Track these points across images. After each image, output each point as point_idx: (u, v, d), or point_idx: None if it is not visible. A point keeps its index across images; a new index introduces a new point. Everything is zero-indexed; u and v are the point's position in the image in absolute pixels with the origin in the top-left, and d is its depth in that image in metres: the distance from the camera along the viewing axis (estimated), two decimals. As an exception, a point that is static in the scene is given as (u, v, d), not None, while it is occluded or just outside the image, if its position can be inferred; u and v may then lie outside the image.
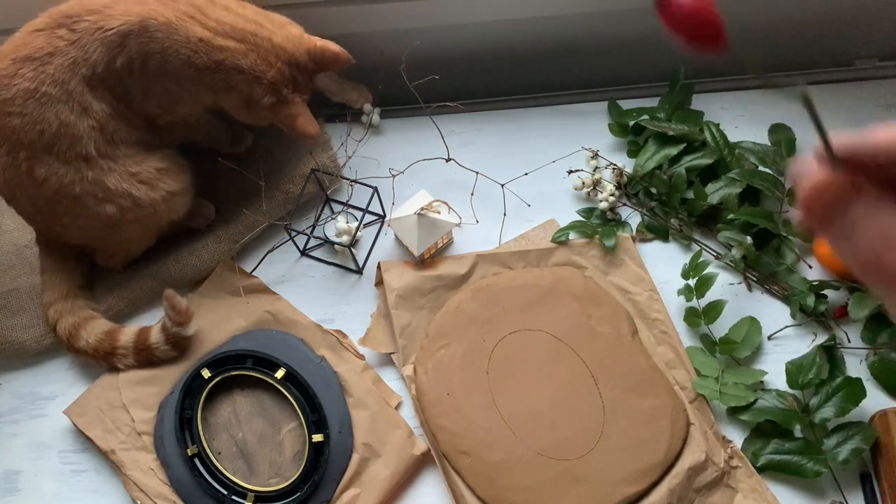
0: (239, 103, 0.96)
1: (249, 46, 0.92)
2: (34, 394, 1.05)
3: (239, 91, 0.94)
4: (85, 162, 0.92)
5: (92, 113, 0.90)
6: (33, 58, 0.88)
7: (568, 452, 0.93)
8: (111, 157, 0.94)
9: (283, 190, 1.09)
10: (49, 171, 0.91)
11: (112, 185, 0.94)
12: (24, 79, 0.87)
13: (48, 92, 0.88)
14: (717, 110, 1.13)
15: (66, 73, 0.88)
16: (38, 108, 0.88)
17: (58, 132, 0.89)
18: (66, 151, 0.90)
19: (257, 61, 0.92)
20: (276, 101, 0.95)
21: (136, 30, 0.89)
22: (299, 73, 0.96)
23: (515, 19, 1.13)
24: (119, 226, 0.98)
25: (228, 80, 0.93)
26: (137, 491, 0.96)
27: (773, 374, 0.97)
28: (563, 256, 1.05)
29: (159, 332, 1.01)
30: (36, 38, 0.88)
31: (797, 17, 1.16)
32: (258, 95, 0.94)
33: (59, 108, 0.89)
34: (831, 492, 0.93)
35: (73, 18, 0.89)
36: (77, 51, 0.88)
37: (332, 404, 0.98)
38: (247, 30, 0.92)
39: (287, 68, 0.94)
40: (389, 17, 1.10)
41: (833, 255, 0.99)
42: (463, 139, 1.15)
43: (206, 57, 0.91)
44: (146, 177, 0.96)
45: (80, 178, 0.92)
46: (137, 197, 0.96)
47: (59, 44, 0.88)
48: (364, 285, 1.07)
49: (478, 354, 0.99)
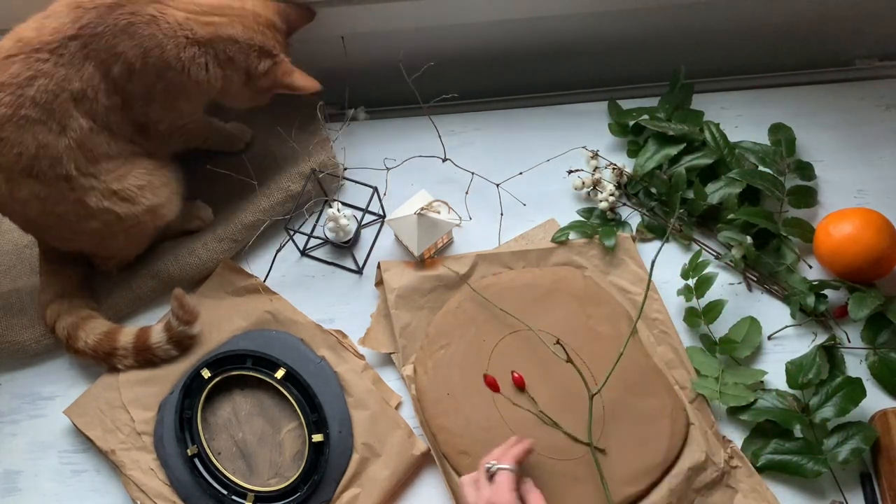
0: (239, 79, 0.97)
1: (231, 18, 0.94)
2: (34, 394, 1.05)
3: (237, 63, 0.95)
4: (66, 182, 0.92)
5: (69, 131, 0.90)
6: (10, 83, 0.87)
7: (568, 452, 0.93)
8: (92, 175, 0.94)
9: (283, 188, 1.09)
10: (30, 193, 0.92)
11: (93, 203, 0.94)
12: (1, 105, 0.87)
13: (27, 115, 0.88)
14: (717, 110, 1.13)
15: (49, 94, 0.88)
16: (16, 131, 0.88)
17: (36, 154, 0.89)
18: (45, 172, 0.90)
19: (244, 30, 0.94)
20: (271, 64, 0.97)
21: (123, 37, 0.89)
22: (279, 35, 0.98)
23: (515, 19, 1.13)
24: (106, 238, 0.99)
25: (227, 51, 0.94)
26: (137, 491, 0.96)
27: (773, 374, 0.97)
28: (563, 256, 1.05)
29: (161, 332, 1.01)
30: (10, 65, 0.88)
31: (798, 16, 1.16)
32: (253, 63, 0.96)
33: (37, 130, 0.88)
34: (831, 492, 0.93)
35: (50, 43, 0.88)
36: (67, 69, 0.88)
37: (332, 404, 0.98)
38: (220, 4, 0.94)
39: (269, 31, 0.97)
40: (390, 17, 1.10)
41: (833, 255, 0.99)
42: (463, 139, 1.15)
43: (200, 32, 0.92)
44: (127, 195, 0.96)
45: (62, 199, 0.93)
46: (120, 213, 0.96)
47: (41, 66, 0.87)
48: (364, 285, 1.07)
49: (478, 354, 0.99)
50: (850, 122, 1.12)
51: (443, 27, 1.13)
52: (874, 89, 1.14)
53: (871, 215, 0.98)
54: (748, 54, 1.22)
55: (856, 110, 1.12)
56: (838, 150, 1.10)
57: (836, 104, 1.13)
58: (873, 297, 0.95)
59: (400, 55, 1.08)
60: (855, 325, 1.00)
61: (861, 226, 0.97)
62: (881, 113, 1.12)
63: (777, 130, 1.09)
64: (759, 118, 1.11)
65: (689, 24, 1.16)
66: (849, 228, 0.97)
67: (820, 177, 1.08)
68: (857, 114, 1.12)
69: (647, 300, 0.99)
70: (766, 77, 1.20)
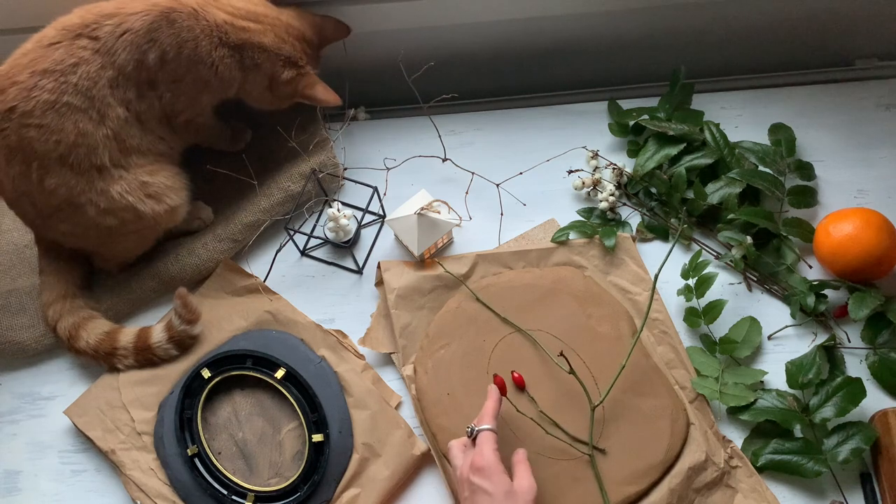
0: (262, 83, 1.00)
1: (265, 26, 0.97)
2: (34, 394, 1.05)
3: (263, 70, 0.98)
4: (98, 172, 0.93)
5: (108, 121, 0.92)
6: (53, 70, 0.89)
7: (568, 452, 0.93)
8: (123, 167, 0.95)
9: (283, 188, 1.09)
10: (59, 182, 0.92)
11: (116, 194, 0.95)
12: (45, 90, 0.89)
13: (69, 102, 0.89)
14: (717, 110, 1.13)
15: (90, 81, 0.90)
16: (58, 118, 0.90)
17: (75, 142, 0.91)
18: (81, 162, 0.92)
19: (275, 39, 0.97)
20: (295, 74, 1.00)
21: (164, 24, 0.91)
22: (308, 48, 1.01)
23: (515, 19, 1.13)
24: (117, 236, 0.99)
25: (255, 57, 0.97)
26: (137, 491, 0.96)
27: (773, 374, 0.97)
28: (563, 256, 1.05)
29: (162, 331, 1.01)
30: (54, 52, 0.89)
31: (798, 16, 1.16)
32: (279, 71, 0.99)
33: (78, 118, 0.90)
34: (831, 492, 0.93)
35: (91, 27, 0.90)
36: (103, 57, 0.90)
37: (332, 404, 0.98)
38: (258, 12, 0.97)
39: (298, 43, 1.00)
40: (390, 17, 1.10)
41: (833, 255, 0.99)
42: (463, 139, 1.15)
43: (234, 36, 0.95)
44: (155, 190, 0.98)
45: (89, 188, 0.94)
46: (142, 211, 0.97)
47: (82, 54, 0.89)
48: (364, 285, 1.07)
49: (478, 354, 0.99)
50: (850, 122, 1.12)
51: (443, 27, 1.13)
52: (874, 89, 1.14)
53: (871, 215, 0.98)
54: (748, 54, 1.22)
55: (856, 110, 1.12)
56: (838, 150, 1.10)
57: (836, 104, 1.13)
58: (873, 297, 0.95)
59: (400, 55, 1.08)
60: (855, 325, 1.00)
61: (861, 226, 0.97)
62: (881, 113, 1.12)
63: (777, 130, 1.09)
64: (759, 118, 1.11)
65: (689, 24, 1.16)
66: (849, 228, 0.97)
67: (820, 177, 1.08)
68: (857, 114, 1.12)
69: (646, 300, 0.99)
70: (766, 77, 1.20)
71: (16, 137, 0.90)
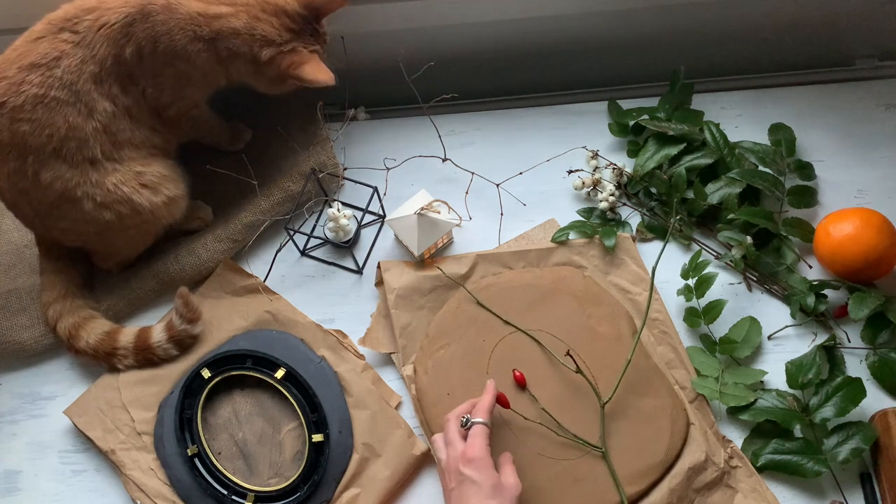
0: (248, 69, 0.97)
1: (239, 8, 0.94)
2: (34, 394, 1.05)
3: (242, 55, 0.95)
4: (91, 165, 0.93)
5: (96, 114, 0.92)
6: (39, 64, 0.89)
7: (568, 452, 0.93)
8: (116, 160, 0.95)
9: (283, 188, 1.09)
10: (55, 175, 0.92)
11: (111, 186, 0.94)
12: (33, 85, 0.89)
13: (56, 96, 0.90)
14: (717, 110, 1.13)
15: (73, 75, 0.90)
16: (47, 112, 0.90)
17: (66, 135, 0.91)
18: (73, 155, 0.92)
19: (247, 20, 0.94)
20: (275, 52, 0.95)
21: (138, 18, 0.91)
22: (294, 23, 0.96)
23: (515, 19, 1.13)
24: (116, 232, 0.99)
25: (229, 46, 0.94)
26: (137, 491, 0.96)
27: (773, 374, 0.97)
28: (563, 256, 1.05)
29: (162, 331, 1.01)
30: (39, 45, 0.90)
31: (797, 16, 1.16)
32: (257, 53, 0.95)
33: (68, 111, 0.90)
34: (831, 492, 0.93)
35: (72, 21, 0.90)
36: (83, 50, 0.90)
37: (332, 404, 0.98)
38: None
39: (276, 19, 0.95)
40: (390, 17, 1.10)
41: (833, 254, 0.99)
42: (463, 139, 1.15)
43: (207, 28, 0.93)
44: (150, 179, 0.98)
45: (84, 181, 0.94)
46: (138, 203, 0.97)
47: (64, 47, 0.90)
48: (364, 285, 1.07)
49: (478, 354, 0.99)
50: (850, 122, 1.12)
51: (443, 27, 1.13)
52: (874, 89, 1.14)
53: (871, 215, 0.98)
54: (748, 54, 1.22)
55: (856, 110, 1.12)
56: (838, 150, 1.10)
57: (836, 104, 1.13)
58: (873, 297, 0.95)
59: (400, 55, 1.08)
60: (855, 325, 1.00)
61: (861, 226, 0.97)
62: (881, 113, 1.12)
63: (777, 130, 1.09)
64: (759, 118, 1.11)
65: (689, 24, 1.16)
66: (849, 228, 0.97)
67: (820, 177, 1.08)
68: (857, 114, 1.12)
69: (647, 300, 0.99)
70: (766, 77, 1.20)
71: (8, 133, 0.91)
